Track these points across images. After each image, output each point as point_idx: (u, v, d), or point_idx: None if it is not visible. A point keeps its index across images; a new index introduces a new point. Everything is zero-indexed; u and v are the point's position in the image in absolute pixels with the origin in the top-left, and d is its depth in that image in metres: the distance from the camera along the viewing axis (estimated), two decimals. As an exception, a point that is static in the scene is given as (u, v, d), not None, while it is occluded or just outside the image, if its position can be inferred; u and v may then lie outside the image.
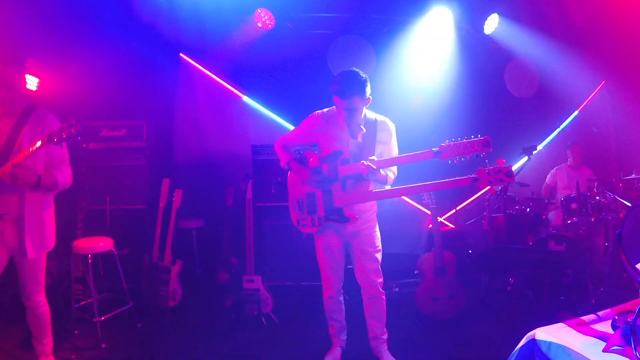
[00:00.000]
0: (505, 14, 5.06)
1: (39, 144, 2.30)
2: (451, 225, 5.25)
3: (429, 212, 3.73)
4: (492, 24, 5.05)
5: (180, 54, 5.25)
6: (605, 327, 1.36)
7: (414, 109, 5.07)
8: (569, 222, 3.95)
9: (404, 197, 5.41)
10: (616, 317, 1.37)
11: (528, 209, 4.44)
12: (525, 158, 4.17)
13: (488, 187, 4.90)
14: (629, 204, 3.69)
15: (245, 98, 5.33)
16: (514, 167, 4.30)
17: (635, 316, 1.23)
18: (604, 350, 1.22)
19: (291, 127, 5.28)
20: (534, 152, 4.15)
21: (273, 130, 5.25)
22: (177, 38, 5.12)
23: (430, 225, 3.90)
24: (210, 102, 5.31)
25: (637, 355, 1.15)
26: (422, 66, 5.17)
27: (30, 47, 4.08)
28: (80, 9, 4.38)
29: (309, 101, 5.08)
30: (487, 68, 5.44)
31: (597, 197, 3.84)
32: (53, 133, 2.29)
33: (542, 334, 1.34)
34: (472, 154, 2.28)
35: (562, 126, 5.91)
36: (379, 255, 2.78)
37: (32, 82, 4.20)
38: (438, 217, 3.74)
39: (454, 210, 5.15)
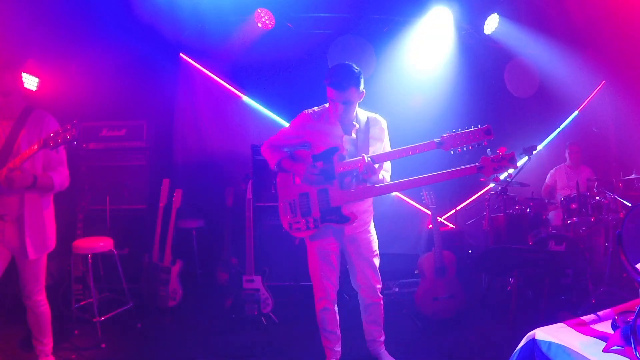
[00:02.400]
0: (505, 14, 5.06)
1: (34, 148, 2.30)
2: (451, 225, 5.25)
3: (429, 212, 3.73)
4: (492, 24, 5.05)
5: (180, 54, 5.25)
6: (605, 327, 1.36)
7: (414, 109, 5.07)
8: (569, 222, 3.95)
9: (404, 197, 5.41)
10: (616, 317, 1.37)
11: (528, 209, 4.44)
12: (525, 158, 4.16)
13: (489, 186, 4.99)
14: (629, 204, 3.68)
15: (245, 98, 5.33)
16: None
17: (635, 316, 1.23)
18: (604, 350, 1.22)
19: (291, 127, 5.28)
20: (534, 152, 4.15)
21: (273, 130, 5.15)
22: (177, 38, 5.12)
23: (430, 225, 3.90)
24: (210, 102, 5.31)
25: (637, 355, 1.15)
26: (422, 66, 5.17)
27: (30, 47, 4.08)
28: (80, 9, 4.39)
29: (309, 101, 5.09)
30: (487, 68, 5.44)
31: (597, 197, 3.84)
32: (48, 138, 2.30)
33: (542, 334, 1.34)
34: (473, 143, 2.26)
35: (562, 126, 5.92)
36: (377, 260, 2.68)
37: (32, 82, 4.20)
38: (438, 217, 3.74)
39: (454, 210, 5.16)
